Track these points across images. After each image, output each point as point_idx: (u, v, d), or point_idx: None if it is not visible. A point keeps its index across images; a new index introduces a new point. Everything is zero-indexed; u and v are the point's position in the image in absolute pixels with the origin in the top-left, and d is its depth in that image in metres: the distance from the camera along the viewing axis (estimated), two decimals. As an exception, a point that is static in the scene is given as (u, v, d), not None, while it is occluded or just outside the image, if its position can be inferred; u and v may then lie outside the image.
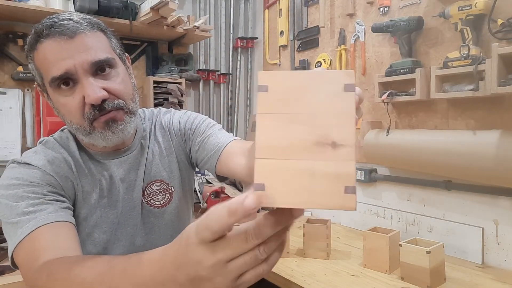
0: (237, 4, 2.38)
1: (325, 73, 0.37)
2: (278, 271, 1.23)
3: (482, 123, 1.29)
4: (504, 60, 1.14)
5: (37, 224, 0.67)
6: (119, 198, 0.85)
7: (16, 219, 0.69)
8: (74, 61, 0.71)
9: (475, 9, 1.23)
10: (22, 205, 0.70)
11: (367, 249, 1.26)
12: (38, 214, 0.69)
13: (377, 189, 1.66)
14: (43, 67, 0.74)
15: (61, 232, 0.69)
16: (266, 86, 0.37)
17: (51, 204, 0.72)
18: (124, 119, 0.78)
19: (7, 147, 1.70)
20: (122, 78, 0.78)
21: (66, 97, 0.74)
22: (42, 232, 0.67)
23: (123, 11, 1.78)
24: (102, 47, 0.76)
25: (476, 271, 1.23)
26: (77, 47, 0.72)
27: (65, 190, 0.78)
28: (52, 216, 0.69)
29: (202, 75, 2.26)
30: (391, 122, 1.52)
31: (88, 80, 0.72)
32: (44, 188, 0.74)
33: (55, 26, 0.71)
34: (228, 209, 0.35)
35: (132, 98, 0.80)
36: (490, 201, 1.28)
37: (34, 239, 0.66)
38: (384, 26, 1.51)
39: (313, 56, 1.97)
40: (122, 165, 0.86)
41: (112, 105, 0.75)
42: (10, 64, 1.73)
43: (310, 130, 0.35)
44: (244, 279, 0.38)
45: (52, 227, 0.68)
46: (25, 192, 0.72)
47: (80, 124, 0.76)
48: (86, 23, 0.75)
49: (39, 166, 0.76)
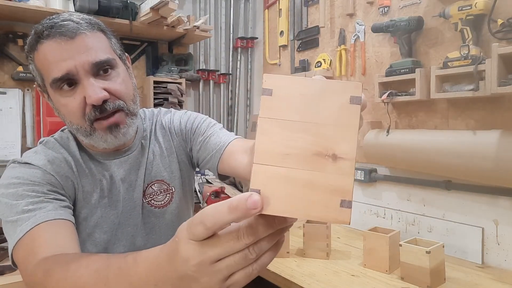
0: (237, 4, 2.38)
1: (332, 84, 0.36)
2: (278, 271, 1.23)
3: (482, 123, 1.29)
4: (504, 60, 1.14)
5: (36, 222, 0.67)
6: (120, 198, 0.85)
7: (16, 217, 0.68)
8: (75, 61, 0.71)
9: (475, 9, 1.23)
10: (22, 203, 0.70)
11: (367, 249, 1.26)
12: (37, 212, 0.69)
13: (377, 189, 1.66)
14: (43, 68, 0.74)
15: (60, 230, 0.68)
16: (270, 89, 0.36)
17: (51, 202, 0.72)
18: (126, 122, 0.78)
19: (7, 147, 1.70)
20: (123, 78, 0.78)
21: (67, 98, 0.74)
22: (41, 230, 0.67)
23: (123, 11, 1.78)
24: (102, 47, 0.76)
25: (476, 271, 1.23)
26: (78, 47, 0.72)
27: (65, 190, 0.78)
28: (51, 214, 0.69)
29: (202, 75, 2.26)
30: (391, 122, 1.52)
31: (89, 80, 0.72)
32: (44, 187, 0.74)
33: (55, 26, 0.71)
34: (229, 205, 0.34)
35: (133, 99, 0.80)
36: (490, 201, 1.29)
37: (33, 236, 0.66)
38: (384, 26, 1.51)
39: (313, 56, 1.97)
40: (123, 165, 0.86)
41: (113, 105, 0.75)
42: (10, 64, 1.73)
43: (312, 140, 0.35)
44: (233, 280, 0.37)
45: (51, 224, 0.68)
46: (25, 191, 0.71)
47: (80, 125, 0.76)
48: (86, 23, 0.75)
49: (40, 165, 0.76)
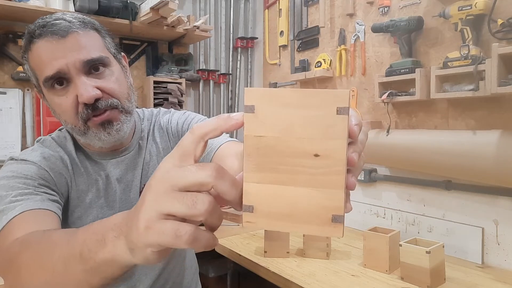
0: (237, 4, 2.38)
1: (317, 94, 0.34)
2: (278, 271, 1.23)
3: (482, 123, 1.29)
4: (504, 60, 1.14)
5: (21, 210, 0.66)
6: (116, 199, 0.85)
7: (3, 207, 0.68)
8: (66, 60, 0.71)
9: (475, 9, 1.23)
10: (11, 194, 0.69)
11: (367, 249, 1.26)
12: (24, 201, 0.68)
13: (377, 189, 1.66)
14: (37, 67, 0.74)
15: (44, 219, 0.67)
16: (252, 106, 0.34)
17: (40, 195, 0.71)
18: (120, 119, 0.77)
19: (7, 147, 1.70)
20: (117, 77, 0.78)
21: (60, 97, 0.74)
22: (25, 216, 0.66)
23: (123, 11, 1.78)
24: (95, 46, 0.75)
25: (476, 271, 1.23)
26: (70, 46, 0.72)
27: (58, 186, 0.78)
28: (37, 204, 0.69)
29: (202, 75, 2.26)
30: (391, 122, 1.52)
31: (81, 79, 0.72)
32: (36, 181, 0.74)
33: (47, 26, 0.71)
34: (217, 116, 0.36)
35: (128, 97, 0.80)
36: (490, 201, 1.28)
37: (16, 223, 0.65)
38: (384, 26, 1.51)
39: (313, 56, 1.97)
40: (119, 165, 0.85)
41: (105, 104, 0.74)
42: (10, 64, 1.73)
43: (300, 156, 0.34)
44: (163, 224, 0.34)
45: (35, 213, 0.67)
46: (16, 183, 0.71)
47: (74, 124, 0.76)
48: (79, 22, 0.74)
49: (35, 161, 0.76)
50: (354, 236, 1.61)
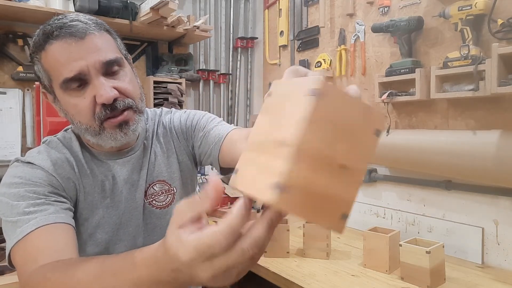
0: (237, 4, 2.38)
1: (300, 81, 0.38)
2: (278, 271, 1.23)
3: (482, 123, 1.29)
4: (504, 60, 1.14)
5: (36, 225, 0.67)
6: (122, 199, 0.85)
7: (16, 218, 0.69)
8: (86, 61, 0.72)
9: (475, 9, 1.23)
10: (22, 204, 0.70)
11: (367, 249, 1.26)
12: (38, 215, 0.69)
13: (377, 189, 1.66)
14: (52, 69, 0.74)
15: (60, 234, 0.69)
16: (271, 91, 0.43)
17: (52, 205, 0.72)
18: (135, 119, 0.79)
19: (7, 147, 1.70)
20: (130, 77, 0.80)
21: (77, 98, 0.74)
22: (40, 233, 0.67)
23: (123, 11, 1.78)
24: (110, 47, 0.77)
25: (476, 271, 1.23)
26: (88, 48, 0.72)
27: (67, 191, 0.79)
28: (52, 217, 0.69)
29: (202, 75, 2.26)
30: (391, 122, 1.52)
31: (100, 80, 0.73)
32: (45, 188, 0.74)
33: (65, 27, 0.72)
34: None
35: (140, 97, 0.82)
36: (490, 201, 1.29)
37: (32, 239, 0.66)
38: (384, 26, 1.51)
39: (313, 56, 1.97)
40: (126, 165, 0.86)
41: (123, 104, 0.76)
42: (10, 64, 1.73)
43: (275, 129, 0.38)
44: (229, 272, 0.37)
45: (51, 228, 0.68)
46: (26, 192, 0.72)
47: (89, 125, 0.76)
48: (93, 24, 0.75)
49: (42, 166, 0.77)
50: (354, 236, 1.61)
